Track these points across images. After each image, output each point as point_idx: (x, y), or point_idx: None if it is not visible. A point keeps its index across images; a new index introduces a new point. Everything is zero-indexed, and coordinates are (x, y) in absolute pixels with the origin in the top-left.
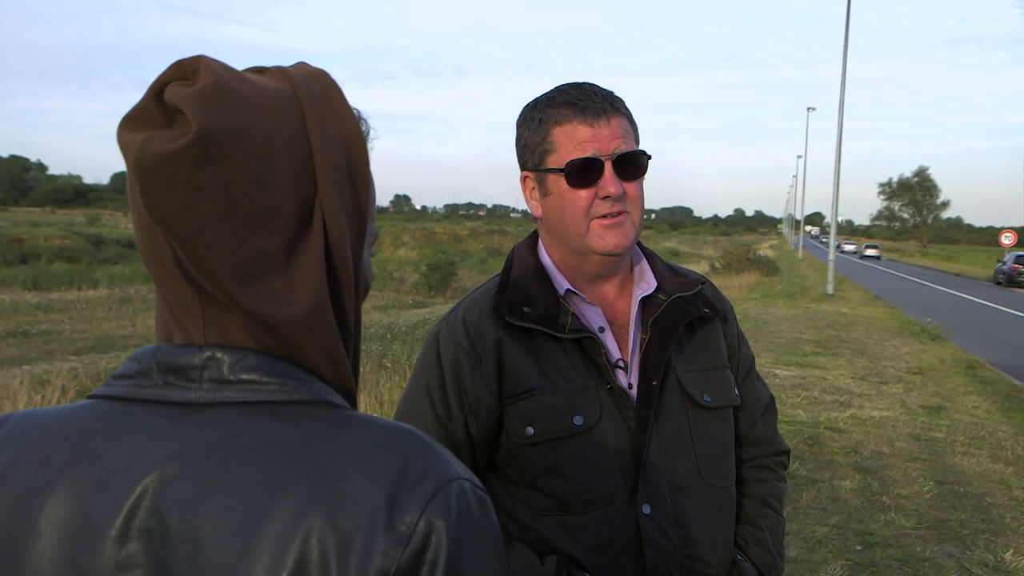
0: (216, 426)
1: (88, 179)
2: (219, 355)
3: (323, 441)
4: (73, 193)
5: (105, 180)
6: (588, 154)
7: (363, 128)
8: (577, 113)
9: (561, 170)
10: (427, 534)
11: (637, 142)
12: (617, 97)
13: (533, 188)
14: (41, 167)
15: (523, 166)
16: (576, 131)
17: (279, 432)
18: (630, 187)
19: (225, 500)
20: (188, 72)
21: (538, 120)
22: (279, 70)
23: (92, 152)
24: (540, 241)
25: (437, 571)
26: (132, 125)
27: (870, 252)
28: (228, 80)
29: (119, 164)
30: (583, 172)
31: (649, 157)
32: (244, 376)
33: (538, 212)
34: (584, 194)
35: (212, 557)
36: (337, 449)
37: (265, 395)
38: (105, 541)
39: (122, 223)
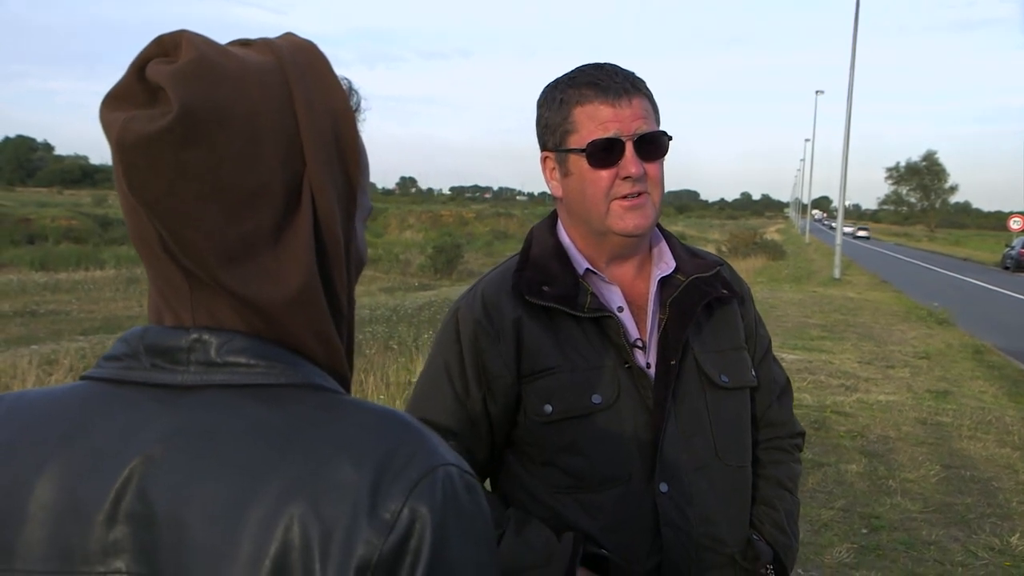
0: (203, 409)
1: (95, 160)
2: (206, 337)
3: (310, 425)
4: (80, 173)
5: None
6: (609, 134)
7: (353, 100)
8: (599, 93)
9: (582, 150)
10: (411, 522)
11: (658, 123)
12: (638, 78)
13: (553, 168)
14: (48, 147)
15: (543, 146)
16: (598, 111)
17: (266, 416)
18: (651, 168)
19: (210, 484)
20: (169, 48)
21: (559, 100)
22: (264, 42)
23: (98, 133)
24: (559, 221)
25: (421, 559)
26: (114, 104)
27: (861, 233)
28: (210, 55)
29: None
30: (604, 152)
31: (670, 138)
32: (231, 359)
33: (558, 192)
34: (605, 174)
35: (197, 542)
36: (324, 434)
37: (253, 378)
38: (93, 525)
39: None
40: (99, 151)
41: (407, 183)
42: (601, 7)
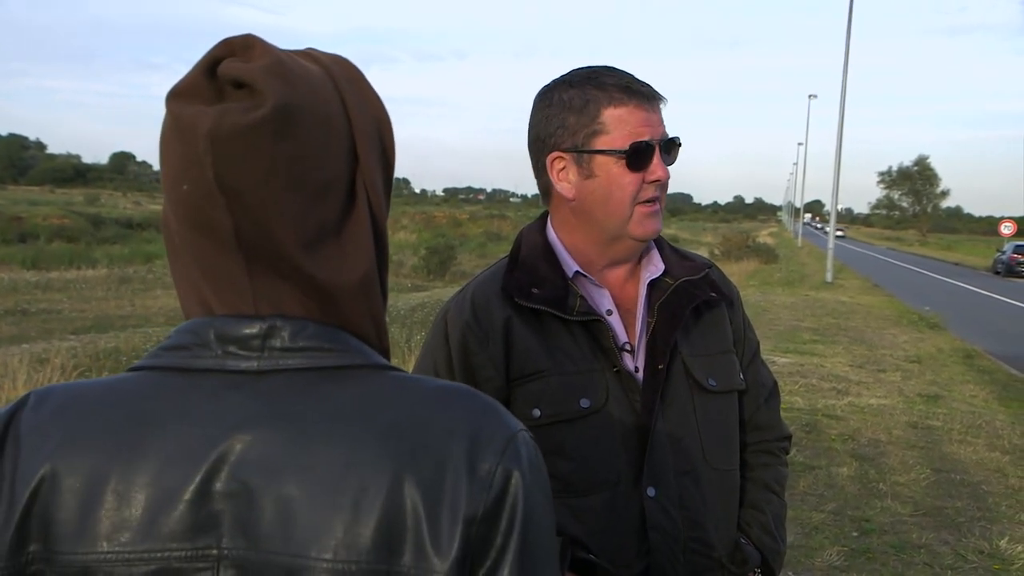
0: (282, 392)
1: (87, 158)
2: (279, 324)
3: (389, 400)
4: (72, 172)
5: (104, 160)
6: (645, 138)
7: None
8: (632, 97)
9: (618, 152)
10: (506, 480)
11: None
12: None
13: (564, 169)
14: (40, 146)
15: (555, 147)
16: (632, 115)
17: (345, 394)
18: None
19: (306, 459)
20: (238, 49)
21: (584, 101)
22: (308, 52)
23: (91, 131)
24: (550, 223)
25: (517, 514)
26: (184, 99)
27: (838, 233)
28: (284, 59)
29: (119, 144)
30: (640, 156)
31: (680, 145)
32: (303, 343)
33: (570, 194)
34: (635, 178)
35: (302, 512)
36: (404, 407)
37: (326, 360)
38: (179, 504)
39: (121, 203)
40: (91, 150)
41: (401, 184)
42: (596, 10)
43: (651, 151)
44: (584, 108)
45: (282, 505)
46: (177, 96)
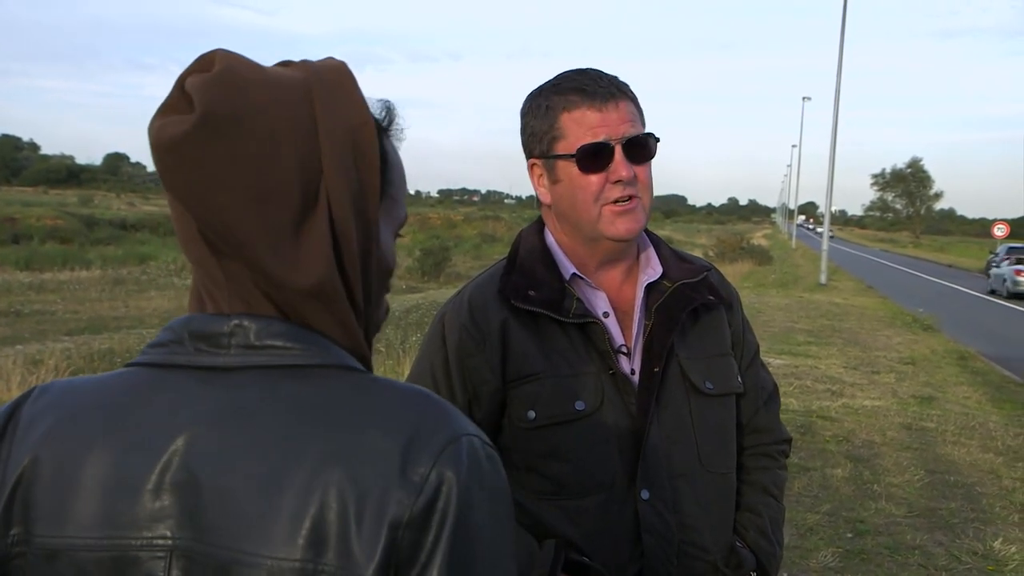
0: (243, 388)
1: (81, 159)
2: (246, 323)
3: (343, 401)
4: (66, 173)
5: (98, 161)
6: (599, 139)
7: (386, 119)
8: (585, 98)
9: (571, 156)
10: (438, 484)
11: (643, 125)
12: (622, 81)
13: (541, 176)
14: (33, 146)
15: (530, 154)
16: (585, 116)
17: (302, 393)
18: (640, 171)
19: (252, 455)
20: (207, 64)
21: (545, 107)
22: (302, 63)
23: (85, 132)
24: (547, 226)
25: (448, 520)
26: (160, 114)
27: (821, 230)
28: (238, 69)
29: (112, 145)
30: (594, 157)
31: (657, 140)
32: (269, 342)
33: (547, 200)
34: (595, 179)
35: (241, 507)
36: (356, 408)
37: (290, 359)
38: (141, 496)
39: (115, 204)
40: (85, 151)
41: None
42: (591, 10)
43: (608, 151)
44: (546, 114)
45: (224, 498)
46: (158, 113)
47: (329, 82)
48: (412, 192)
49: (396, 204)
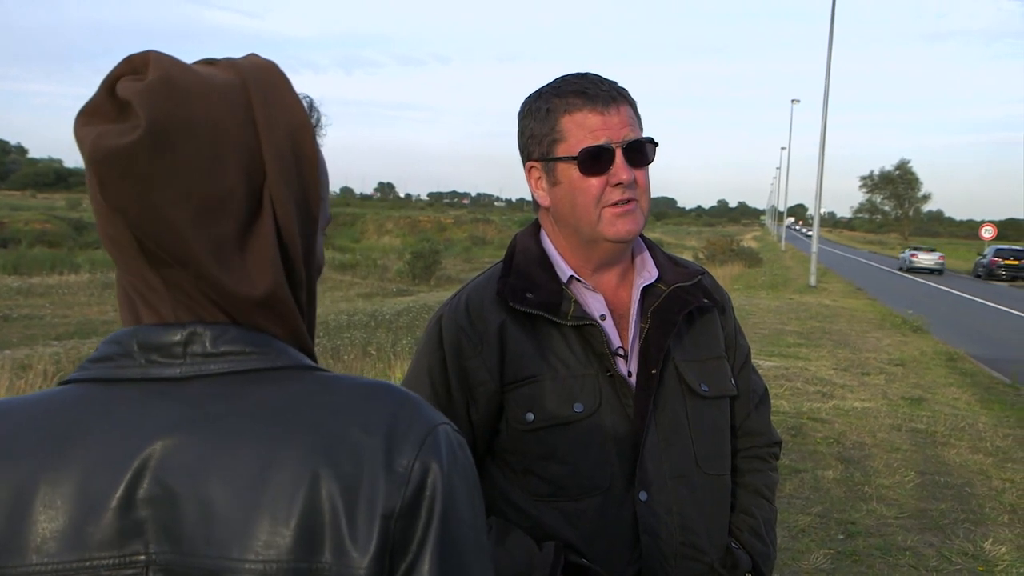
0: (205, 396)
1: (69, 163)
2: (200, 330)
3: (313, 399)
4: (54, 177)
5: None
6: (600, 142)
7: (314, 117)
8: (587, 102)
9: (572, 158)
10: (424, 474)
11: (642, 130)
12: (621, 86)
13: (539, 178)
14: (21, 150)
15: (528, 157)
16: (587, 119)
17: (269, 395)
18: (639, 174)
19: (227, 460)
20: (139, 66)
21: (545, 110)
22: (228, 62)
23: (73, 137)
24: (543, 229)
25: (436, 507)
26: (87, 119)
27: (810, 233)
28: (176, 74)
29: None
30: (595, 160)
31: (656, 144)
32: (226, 348)
33: (546, 202)
34: (595, 182)
35: (223, 516)
36: (327, 405)
37: (249, 364)
38: (105, 512)
39: None
40: (73, 155)
41: (385, 188)
42: (580, 14)
43: (609, 154)
44: (546, 117)
45: (204, 507)
46: (81, 116)
47: (265, 84)
48: (402, 195)
49: (324, 204)
